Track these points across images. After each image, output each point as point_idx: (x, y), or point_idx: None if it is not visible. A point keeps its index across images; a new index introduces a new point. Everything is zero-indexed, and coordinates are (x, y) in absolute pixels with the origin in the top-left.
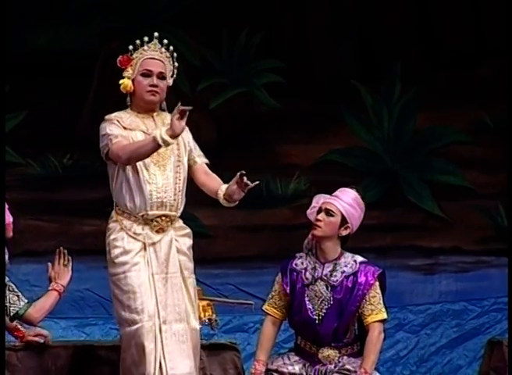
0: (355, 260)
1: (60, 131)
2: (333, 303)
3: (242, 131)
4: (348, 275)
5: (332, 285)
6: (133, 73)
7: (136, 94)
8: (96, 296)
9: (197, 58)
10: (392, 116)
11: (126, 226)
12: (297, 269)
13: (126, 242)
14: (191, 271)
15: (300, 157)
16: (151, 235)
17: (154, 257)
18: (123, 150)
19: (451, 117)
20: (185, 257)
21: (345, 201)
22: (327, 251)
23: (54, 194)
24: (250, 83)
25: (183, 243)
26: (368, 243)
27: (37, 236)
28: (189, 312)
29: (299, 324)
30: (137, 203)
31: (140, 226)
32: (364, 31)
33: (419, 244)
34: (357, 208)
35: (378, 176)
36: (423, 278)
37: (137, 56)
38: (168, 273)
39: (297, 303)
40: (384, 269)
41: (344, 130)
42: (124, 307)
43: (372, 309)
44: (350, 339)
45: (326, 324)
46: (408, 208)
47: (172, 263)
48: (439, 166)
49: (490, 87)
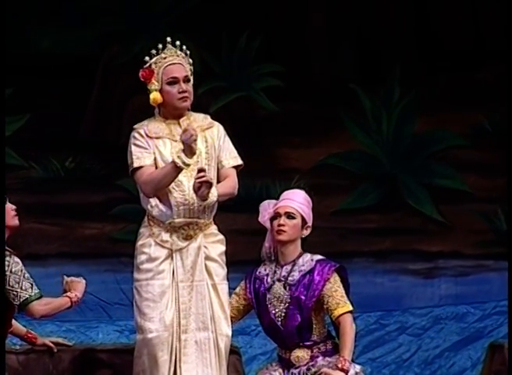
0: (312, 259)
1: (62, 134)
2: (291, 301)
3: (241, 135)
4: (305, 273)
5: (289, 284)
6: (159, 84)
7: (167, 103)
8: (97, 299)
9: (196, 62)
10: (391, 120)
11: (154, 232)
12: (260, 276)
13: (152, 249)
14: (223, 277)
15: (299, 161)
16: (177, 242)
17: (180, 264)
18: (146, 185)
19: (450, 121)
20: (215, 263)
21: (299, 201)
22: (288, 253)
23: (56, 198)
24: (249, 87)
25: (213, 249)
26: (367, 247)
27: (38, 239)
28: (219, 319)
29: (268, 329)
30: (163, 211)
31: (167, 233)
32: (362, 35)
33: (418, 248)
34: (309, 207)
35: (377, 180)
36: (423, 282)
37: (158, 65)
38: (194, 280)
39: (262, 309)
40: (342, 264)
41: (343, 134)
42: (141, 314)
43: (337, 303)
44: (321, 338)
45: (288, 324)
46: (407, 212)
47: (198, 271)
48: (438, 169)
49: (489, 91)
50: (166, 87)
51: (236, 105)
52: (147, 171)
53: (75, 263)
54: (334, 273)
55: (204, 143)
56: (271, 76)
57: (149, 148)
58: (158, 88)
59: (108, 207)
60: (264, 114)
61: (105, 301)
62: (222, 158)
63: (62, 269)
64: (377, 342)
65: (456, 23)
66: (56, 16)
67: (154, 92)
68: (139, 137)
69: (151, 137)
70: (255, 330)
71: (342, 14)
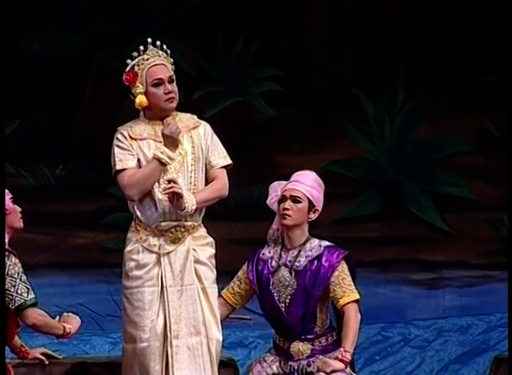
0: (320, 245)
1: (53, 141)
2: (298, 288)
3: (239, 142)
4: (312, 259)
5: (296, 270)
6: (143, 87)
7: (153, 105)
8: (89, 311)
9: (192, 66)
10: (395, 125)
11: (141, 237)
12: (264, 258)
13: (141, 256)
14: (212, 281)
15: (298, 168)
16: (165, 246)
17: (168, 269)
18: (130, 187)
19: (455, 126)
20: (204, 267)
21: (308, 184)
22: (295, 238)
23: (46, 206)
24: (247, 91)
25: (202, 252)
26: (369, 256)
27: (28, 249)
28: (209, 323)
29: (269, 315)
30: (149, 214)
31: (155, 237)
32: (365, 37)
33: (422, 257)
34: (319, 189)
35: (380, 188)
36: (426, 293)
37: (140, 67)
38: (183, 284)
39: (265, 293)
40: (350, 252)
41: (345, 140)
42: (131, 323)
43: (344, 291)
44: (323, 330)
45: (293, 311)
46: (411, 220)
47: (187, 274)
48: (443, 176)
49: (496, 95)
50: (151, 89)
51: (233, 111)
52: (129, 173)
53: (66, 274)
54: (342, 260)
55: (191, 143)
56: (269, 81)
57: (132, 150)
58: (143, 91)
59: (100, 216)
60: (262, 120)
61: (98, 312)
62: (210, 158)
63: (53, 279)
64: (379, 355)
65: (462, 24)
66: (47, 19)
67: (140, 95)
68: (122, 139)
69: (134, 139)
70: (254, 343)
71: (343, 15)
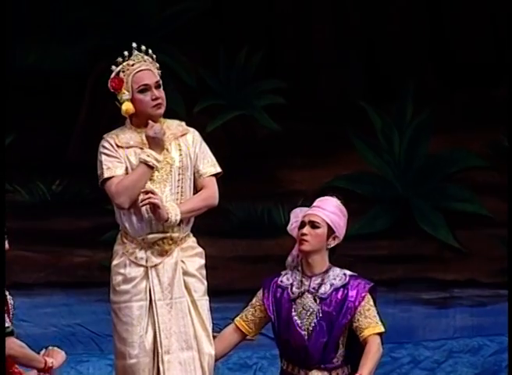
0: (344, 273)
1: (49, 155)
2: (322, 316)
3: (241, 156)
4: (337, 287)
5: (320, 298)
6: (129, 93)
7: (140, 112)
8: (88, 331)
9: (193, 79)
10: (404, 140)
11: (128, 250)
12: (283, 285)
13: (128, 269)
14: (203, 293)
15: (304, 183)
16: (152, 258)
17: (156, 282)
18: (119, 195)
19: (467, 140)
20: (194, 278)
21: (328, 210)
22: (315, 265)
23: (42, 223)
24: (249, 105)
25: (191, 264)
26: (377, 275)
27: (24, 267)
28: (200, 337)
29: (287, 343)
30: (136, 226)
31: (142, 250)
32: (373, 48)
33: (432, 276)
34: (340, 216)
35: (389, 204)
36: (437, 312)
37: (126, 73)
38: (172, 298)
39: (284, 320)
40: (375, 284)
41: (351, 155)
42: (120, 339)
43: (369, 322)
44: (340, 361)
45: (315, 339)
46: (421, 237)
47: (177, 287)
48: (454, 192)
49: (508, 108)
50: (138, 95)
51: (235, 125)
52: (116, 181)
53: (63, 293)
54: (368, 291)
55: (178, 151)
56: (273, 94)
57: (120, 158)
58: (129, 98)
59: (99, 233)
60: (265, 134)
61: (96, 333)
62: (199, 166)
63: (50, 299)
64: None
65: (473, 35)
66: (42, 29)
67: (127, 102)
68: (109, 147)
69: (121, 147)
70: (258, 363)
71: (350, 26)
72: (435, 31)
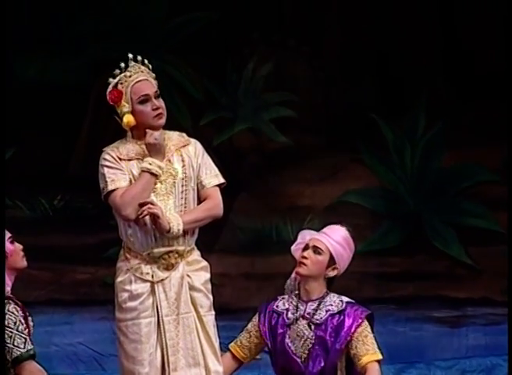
0: (341, 300)
1: (51, 170)
2: (317, 341)
3: (249, 170)
4: (333, 313)
5: (315, 323)
6: (129, 105)
7: (141, 124)
8: (90, 351)
9: (199, 91)
10: (416, 153)
11: (132, 266)
12: (278, 310)
13: (133, 285)
14: (208, 308)
15: (313, 198)
16: (158, 273)
17: (163, 297)
18: (125, 206)
19: (481, 154)
20: (200, 293)
21: (334, 239)
22: (311, 290)
23: (44, 239)
24: (257, 117)
25: (196, 278)
26: (388, 293)
27: (26, 285)
28: (207, 354)
29: (283, 370)
30: (141, 240)
31: (147, 265)
32: (384, 59)
33: (445, 294)
34: (346, 248)
35: (400, 220)
36: (449, 331)
37: (124, 85)
38: (179, 313)
39: (279, 346)
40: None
41: (362, 169)
42: (128, 357)
43: (367, 349)
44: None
45: (312, 365)
46: (433, 254)
47: (183, 302)
48: (467, 208)
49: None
50: (138, 106)
51: (243, 138)
52: (120, 192)
53: (66, 311)
54: (365, 318)
55: (181, 162)
56: (281, 106)
57: (123, 169)
58: (129, 110)
59: (102, 249)
60: (274, 147)
61: (99, 352)
62: (201, 177)
63: (52, 317)
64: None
65: (488, 47)
66: (44, 40)
67: (127, 115)
68: (110, 159)
69: (122, 159)
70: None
71: (361, 35)
72: (448, 43)
